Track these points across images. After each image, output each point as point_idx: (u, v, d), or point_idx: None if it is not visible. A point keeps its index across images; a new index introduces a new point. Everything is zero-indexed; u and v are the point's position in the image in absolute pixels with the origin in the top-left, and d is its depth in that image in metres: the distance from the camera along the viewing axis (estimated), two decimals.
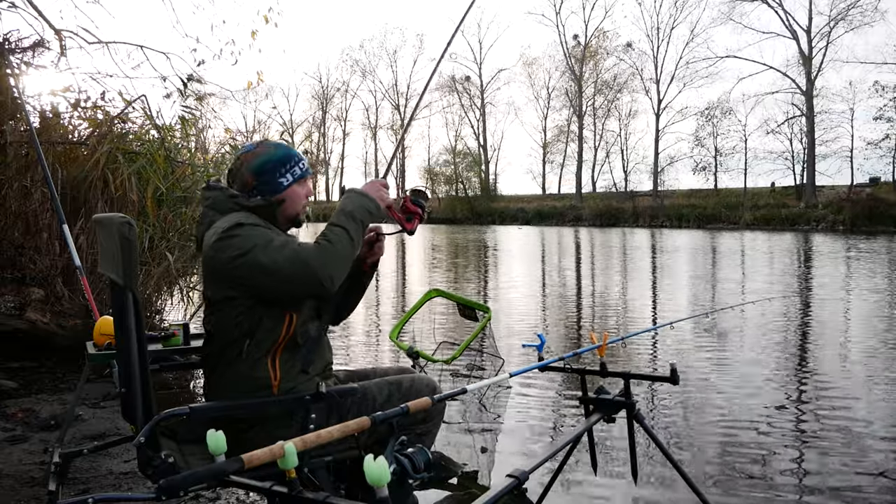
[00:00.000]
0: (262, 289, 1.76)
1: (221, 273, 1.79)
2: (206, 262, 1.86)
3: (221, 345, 1.85)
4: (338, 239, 1.79)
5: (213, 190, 1.94)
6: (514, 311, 8.02)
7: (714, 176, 41.91)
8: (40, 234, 5.06)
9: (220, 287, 1.82)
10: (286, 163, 1.95)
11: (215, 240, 1.78)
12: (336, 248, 1.77)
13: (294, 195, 1.96)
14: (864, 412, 3.93)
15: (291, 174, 1.95)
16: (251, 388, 1.81)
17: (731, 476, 3.02)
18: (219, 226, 1.81)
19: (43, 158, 3.84)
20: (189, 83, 6.03)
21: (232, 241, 1.75)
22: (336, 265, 1.75)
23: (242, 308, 1.79)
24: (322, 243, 1.77)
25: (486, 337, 3.95)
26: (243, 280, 1.76)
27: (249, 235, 1.76)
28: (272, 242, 1.74)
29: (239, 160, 1.96)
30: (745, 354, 5.52)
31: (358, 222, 1.86)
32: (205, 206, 1.93)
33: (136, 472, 2.79)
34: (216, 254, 1.77)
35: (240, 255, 1.73)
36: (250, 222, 1.80)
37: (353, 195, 1.92)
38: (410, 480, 1.48)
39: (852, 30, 36.87)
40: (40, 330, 4.73)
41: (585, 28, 47.38)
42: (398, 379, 2.07)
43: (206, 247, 1.83)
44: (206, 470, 1.26)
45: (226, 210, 1.88)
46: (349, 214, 1.86)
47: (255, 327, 1.80)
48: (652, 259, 16.19)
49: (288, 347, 1.85)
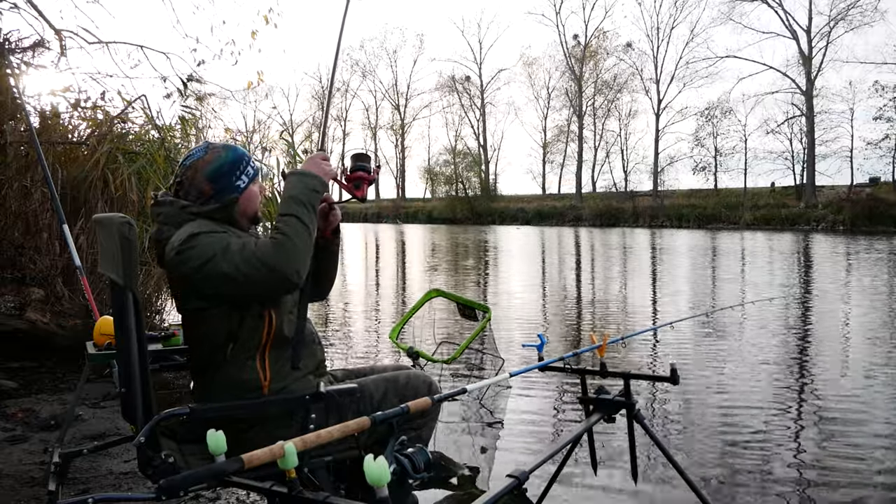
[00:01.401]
0: (231, 295, 1.75)
1: (186, 286, 1.78)
2: (170, 278, 1.85)
3: (204, 353, 1.84)
4: (292, 229, 1.74)
5: (163, 205, 1.89)
6: (515, 312, 8.02)
7: (714, 176, 41.94)
8: (40, 234, 5.06)
9: (190, 300, 1.81)
10: (239, 164, 1.92)
11: (174, 254, 1.75)
12: (293, 240, 1.72)
13: (251, 195, 1.95)
14: (864, 412, 3.93)
15: (246, 175, 1.93)
16: (240, 390, 1.80)
17: (731, 476, 3.02)
18: (175, 239, 1.78)
19: (43, 158, 3.83)
20: (189, 83, 6.03)
21: (190, 253, 1.72)
22: (297, 257, 1.72)
23: (217, 316, 1.78)
24: (278, 238, 1.73)
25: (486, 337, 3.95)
26: (209, 290, 1.74)
27: (206, 244, 1.73)
28: (230, 248, 1.71)
29: (189, 169, 1.89)
30: (745, 354, 5.52)
31: (308, 205, 1.80)
32: (158, 223, 1.88)
33: (136, 472, 2.78)
34: (177, 268, 1.75)
35: (200, 265, 1.71)
36: (205, 230, 1.77)
37: (295, 178, 1.85)
38: (410, 480, 1.48)
39: (852, 30, 36.90)
40: (40, 330, 4.73)
41: (585, 28, 47.43)
42: (394, 375, 2.06)
43: (167, 262, 1.81)
44: (206, 470, 1.26)
45: (180, 222, 1.84)
46: (296, 199, 1.80)
47: (237, 330, 1.79)
48: (652, 259, 16.19)
49: (275, 346, 1.84)
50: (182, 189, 1.90)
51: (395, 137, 58.67)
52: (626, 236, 26.36)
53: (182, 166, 1.92)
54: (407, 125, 57.93)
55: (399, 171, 58.28)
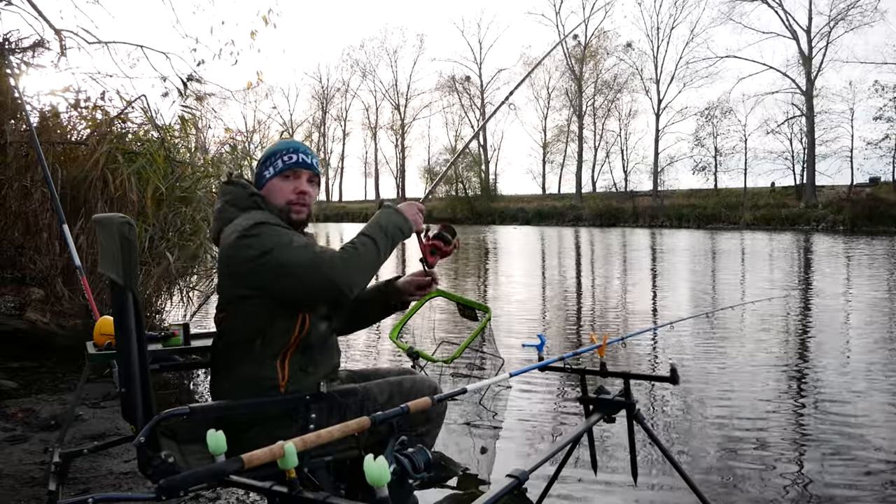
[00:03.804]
0: (280, 290, 1.74)
1: (239, 272, 1.77)
2: (223, 260, 1.83)
3: (230, 343, 1.84)
4: (364, 248, 1.76)
5: (233, 185, 1.92)
6: (515, 311, 8.01)
7: (714, 176, 41.95)
8: (40, 234, 5.06)
9: (236, 286, 1.80)
10: (270, 157, 1.96)
11: (235, 238, 1.75)
12: (360, 257, 1.74)
13: (272, 187, 1.94)
14: (864, 412, 3.93)
15: (273, 167, 1.94)
16: (258, 387, 1.81)
17: (731, 476, 3.02)
18: (239, 223, 1.79)
19: (43, 158, 3.83)
20: (189, 83, 6.03)
21: (253, 241, 1.72)
22: (357, 273, 1.73)
23: (256, 308, 1.77)
24: (347, 249, 1.75)
25: (487, 337, 3.94)
26: (262, 280, 1.73)
27: (271, 235, 1.73)
28: (293, 244, 1.72)
29: None
30: (745, 354, 5.52)
31: (389, 237, 1.84)
32: (223, 202, 1.91)
33: (136, 472, 2.78)
34: (236, 252, 1.75)
35: (261, 254, 1.71)
36: (272, 222, 1.79)
37: (390, 211, 1.91)
38: (410, 480, 1.48)
39: (852, 30, 36.92)
40: (40, 330, 4.73)
41: (585, 28, 47.40)
42: (399, 380, 2.06)
43: (223, 244, 1.81)
44: (206, 470, 1.26)
45: (245, 207, 1.86)
46: (381, 227, 1.84)
47: (268, 327, 1.79)
48: (652, 259, 16.19)
49: (299, 349, 1.84)
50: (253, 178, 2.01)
51: (395, 137, 58.75)
52: (626, 236, 26.35)
53: None
54: (407, 125, 58.00)
55: (399, 171, 58.30)
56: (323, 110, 60.38)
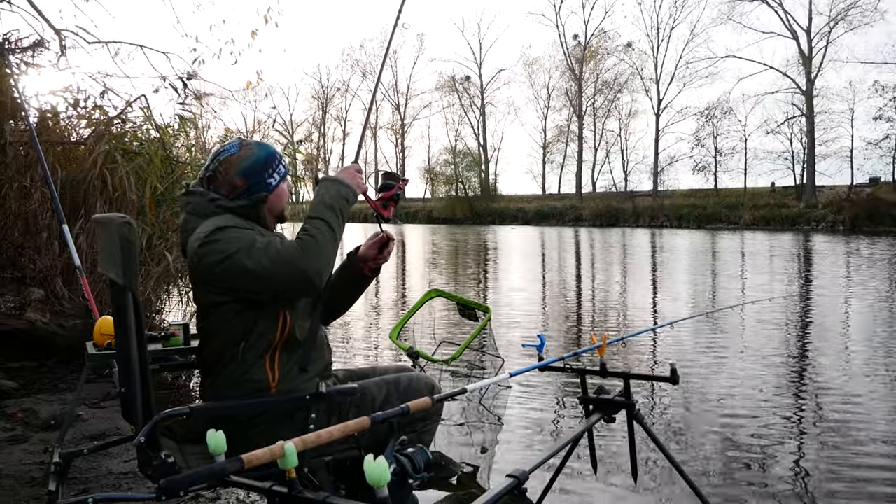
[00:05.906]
0: (249, 292, 1.75)
1: (207, 279, 1.78)
2: (191, 269, 1.85)
3: (216, 348, 1.84)
4: (319, 232, 1.76)
5: (193, 195, 1.91)
6: (515, 311, 8.01)
7: (714, 176, 41.89)
8: (40, 234, 5.06)
9: (209, 293, 1.81)
10: (272, 162, 1.94)
11: (198, 245, 1.76)
12: (318, 242, 1.74)
13: (281, 193, 1.96)
14: (864, 411, 3.93)
15: (278, 173, 1.94)
16: (248, 390, 1.80)
17: (731, 476, 3.02)
18: (200, 231, 1.79)
19: (43, 158, 3.83)
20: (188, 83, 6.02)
21: (214, 246, 1.73)
22: (320, 259, 1.74)
23: (233, 312, 1.78)
24: (304, 238, 1.75)
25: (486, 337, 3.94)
26: (229, 284, 1.74)
27: (231, 239, 1.73)
28: (255, 244, 1.72)
29: (223, 164, 1.89)
30: (745, 354, 5.52)
31: (337, 211, 1.83)
32: (186, 213, 1.90)
33: (136, 472, 2.78)
34: (200, 260, 1.76)
35: (223, 259, 1.71)
36: (232, 225, 1.78)
37: (329, 183, 1.88)
38: (410, 480, 1.48)
39: (852, 30, 36.83)
40: (40, 330, 4.72)
41: (585, 28, 47.40)
42: (396, 377, 2.06)
43: (190, 253, 1.81)
44: (206, 470, 1.26)
45: (207, 214, 1.85)
46: (326, 204, 1.83)
47: (250, 329, 1.79)
48: (652, 259, 16.19)
49: (285, 347, 1.84)
50: (213, 182, 1.91)
51: (395, 137, 58.69)
52: (626, 236, 26.35)
53: (214, 160, 1.92)
54: (407, 125, 57.96)
55: (399, 171, 58.19)
56: (323, 110, 60.36)
